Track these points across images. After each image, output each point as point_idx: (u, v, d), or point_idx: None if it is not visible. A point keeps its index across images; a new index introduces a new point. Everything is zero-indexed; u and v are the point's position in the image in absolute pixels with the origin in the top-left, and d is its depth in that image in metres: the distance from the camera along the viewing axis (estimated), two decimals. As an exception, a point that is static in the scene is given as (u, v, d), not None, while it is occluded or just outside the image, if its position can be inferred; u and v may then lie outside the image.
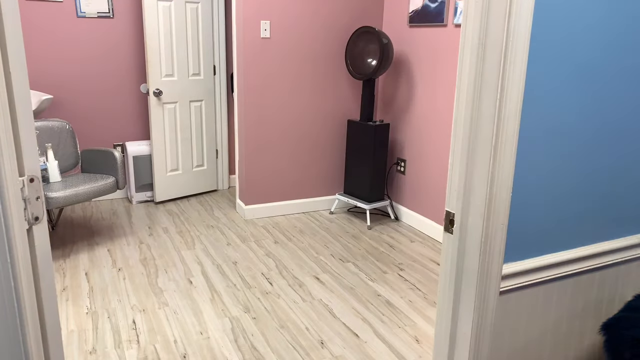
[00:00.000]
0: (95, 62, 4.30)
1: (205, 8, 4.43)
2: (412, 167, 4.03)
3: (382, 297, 2.95)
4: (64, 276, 3.13)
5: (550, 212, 1.39)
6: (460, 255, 1.35)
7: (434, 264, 3.40)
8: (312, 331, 2.60)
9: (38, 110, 3.64)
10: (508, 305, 1.40)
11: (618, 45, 1.35)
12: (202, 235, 3.81)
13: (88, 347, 2.43)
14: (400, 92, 4.07)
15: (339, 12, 4.05)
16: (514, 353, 1.47)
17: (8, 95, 0.96)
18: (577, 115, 1.35)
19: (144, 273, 3.18)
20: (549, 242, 1.42)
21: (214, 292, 2.97)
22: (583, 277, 1.51)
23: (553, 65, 1.26)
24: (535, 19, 1.19)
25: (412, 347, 2.48)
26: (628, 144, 1.48)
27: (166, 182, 4.49)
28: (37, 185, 1.03)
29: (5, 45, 0.94)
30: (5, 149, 0.94)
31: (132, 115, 4.53)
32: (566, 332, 1.54)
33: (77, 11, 4.14)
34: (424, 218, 3.96)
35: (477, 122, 1.24)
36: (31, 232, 1.04)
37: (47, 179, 3.51)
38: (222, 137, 4.85)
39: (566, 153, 1.36)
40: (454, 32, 3.48)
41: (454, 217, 1.34)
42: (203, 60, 4.52)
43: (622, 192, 1.52)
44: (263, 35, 3.82)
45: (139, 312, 2.74)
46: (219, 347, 2.46)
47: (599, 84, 1.36)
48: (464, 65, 1.25)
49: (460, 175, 1.31)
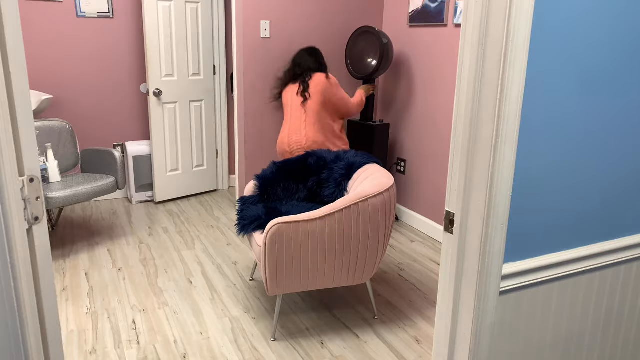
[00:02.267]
0: (95, 62, 4.30)
1: (205, 8, 4.43)
2: (412, 167, 4.03)
3: (382, 297, 2.95)
4: (64, 276, 3.13)
5: (550, 212, 1.39)
6: (460, 255, 1.35)
7: (434, 264, 3.40)
8: (312, 331, 2.60)
9: (38, 110, 3.64)
10: (508, 305, 1.40)
11: (619, 44, 1.35)
12: (202, 235, 3.81)
13: (88, 347, 2.43)
14: (400, 92, 4.07)
15: (338, 12, 4.05)
16: (514, 353, 1.47)
17: (8, 95, 0.96)
18: (577, 115, 1.35)
19: (144, 273, 3.18)
20: (549, 242, 1.42)
21: (214, 292, 2.97)
22: (583, 277, 1.51)
23: (553, 65, 1.26)
24: (535, 19, 1.19)
25: (412, 347, 2.48)
26: (628, 144, 1.48)
27: (166, 182, 4.49)
28: (37, 185, 1.03)
29: (5, 45, 0.94)
30: (5, 149, 0.94)
31: (132, 115, 4.53)
32: (566, 332, 1.54)
33: (77, 11, 4.14)
34: (424, 218, 3.96)
35: (477, 122, 1.24)
36: (31, 232, 1.04)
37: (47, 179, 3.51)
38: (222, 137, 4.85)
39: (566, 153, 1.36)
40: (454, 32, 3.48)
41: (454, 217, 1.34)
42: (203, 60, 4.52)
43: (622, 192, 1.52)
44: (263, 35, 3.82)
45: (139, 312, 2.74)
46: (219, 347, 2.46)
47: (600, 83, 1.36)
48: (464, 65, 1.25)
49: (460, 175, 1.31)
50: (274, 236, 2.27)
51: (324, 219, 2.29)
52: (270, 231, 2.27)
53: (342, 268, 2.42)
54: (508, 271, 1.36)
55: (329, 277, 2.43)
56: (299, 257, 2.33)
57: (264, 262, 2.33)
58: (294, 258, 2.33)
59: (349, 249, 2.38)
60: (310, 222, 2.28)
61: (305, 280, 2.41)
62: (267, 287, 2.39)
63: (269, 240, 2.28)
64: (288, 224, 2.26)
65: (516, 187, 1.31)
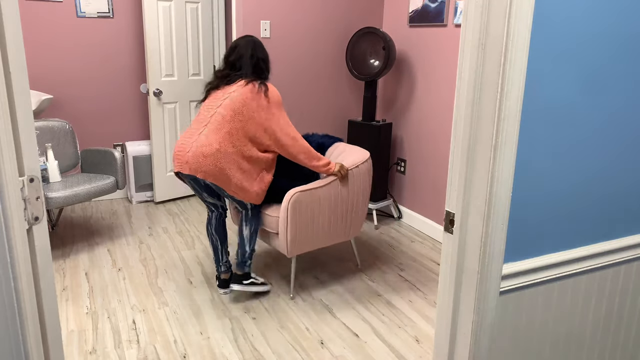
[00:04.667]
0: (95, 62, 4.30)
1: (205, 8, 4.43)
2: (412, 167, 4.03)
3: (382, 297, 2.95)
4: (64, 276, 3.13)
5: (550, 212, 1.39)
6: (460, 255, 1.35)
7: (434, 264, 3.40)
8: (312, 331, 2.60)
9: (38, 110, 3.64)
10: (508, 305, 1.40)
11: (619, 45, 1.35)
12: (202, 235, 3.80)
13: (88, 347, 2.43)
14: (400, 92, 4.07)
15: (339, 12, 4.05)
16: (514, 353, 1.47)
17: (8, 95, 0.96)
18: (577, 115, 1.35)
19: (144, 273, 3.18)
20: (549, 242, 1.42)
21: (214, 292, 2.97)
22: (583, 277, 1.51)
23: (553, 65, 1.26)
24: (536, 19, 1.19)
25: (412, 347, 2.48)
26: (629, 144, 1.47)
27: (166, 182, 4.49)
28: (37, 185, 1.03)
29: (5, 45, 0.94)
30: (5, 149, 0.94)
31: (132, 115, 4.53)
32: (566, 332, 1.54)
33: (77, 11, 4.14)
34: (424, 218, 3.96)
35: (477, 122, 1.24)
36: (31, 232, 1.04)
37: (47, 179, 3.51)
38: (222, 137, 4.84)
39: (566, 153, 1.36)
40: (454, 32, 3.48)
41: (454, 217, 1.34)
42: (203, 60, 4.52)
43: (623, 192, 1.52)
44: (263, 35, 3.82)
45: (139, 312, 2.74)
46: (219, 347, 2.46)
47: (600, 83, 1.36)
48: (464, 65, 1.25)
49: (460, 175, 1.31)
50: (295, 203, 2.69)
51: (329, 185, 2.81)
52: (292, 199, 2.68)
53: (339, 224, 2.96)
54: (508, 271, 1.36)
55: (331, 234, 2.94)
56: (312, 219, 2.80)
57: (285, 227, 2.72)
58: (308, 220, 2.78)
59: (345, 207, 2.94)
60: (319, 188, 2.77)
61: (315, 239, 2.87)
62: (288, 249, 2.76)
63: (291, 206, 2.69)
64: (304, 192, 2.72)
65: (516, 187, 1.31)
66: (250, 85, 2.63)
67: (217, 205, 2.89)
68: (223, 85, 2.72)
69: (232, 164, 2.58)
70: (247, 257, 2.82)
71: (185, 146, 2.63)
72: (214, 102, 2.67)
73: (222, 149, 2.55)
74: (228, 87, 2.68)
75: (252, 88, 2.62)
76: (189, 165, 2.59)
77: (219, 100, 2.65)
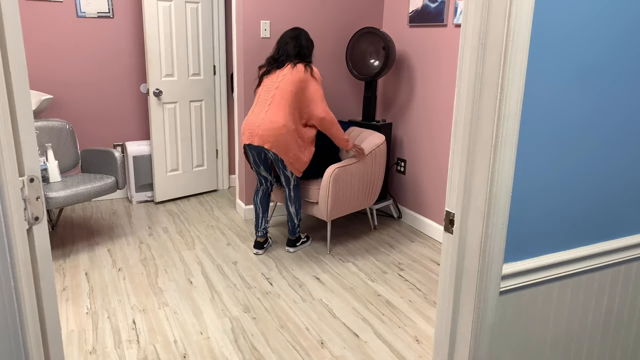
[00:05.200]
0: (95, 62, 4.30)
1: (205, 8, 4.43)
2: (412, 167, 4.03)
3: (382, 297, 2.95)
4: (64, 276, 3.13)
5: (550, 212, 1.39)
6: (460, 255, 1.35)
7: (434, 264, 3.40)
8: (312, 331, 2.60)
9: (38, 110, 3.64)
10: (508, 305, 1.40)
11: (619, 44, 1.35)
12: (202, 235, 3.81)
13: (88, 347, 2.43)
14: (400, 92, 4.07)
15: (338, 12, 4.05)
16: (514, 353, 1.47)
17: (8, 95, 0.96)
18: (577, 115, 1.35)
19: (144, 273, 3.19)
20: (549, 242, 1.42)
21: (214, 292, 2.97)
22: (583, 277, 1.51)
23: (553, 65, 1.26)
24: (535, 19, 1.19)
25: (412, 347, 2.48)
26: (629, 144, 1.48)
27: (166, 182, 4.49)
28: (37, 185, 1.03)
29: (5, 45, 0.94)
30: (5, 149, 0.94)
31: (132, 115, 4.53)
32: (566, 332, 1.54)
33: (77, 11, 4.14)
34: (424, 218, 3.96)
35: (477, 122, 1.24)
36: (31, 232, 1.04)
37: (47, 179, 3.51)
38: (222, 137, 4.85)
39: (566, 153, 1.36)
40: (454, 32, 3.48)
41: (454, 217, 1.34)
42: (203, 60, 4.52)
43: (623, 192, 1.52)
44: (263, 35, 3.82)
45: (139, 312, 2.74)
46: (219, 347, 2.46)
47: (600, 83, 1.36)
48: (464, 65, 1.25)
49: (460, 175, 1.31)
50: (336, 176, 3.34)
51: (358, 162, 3.49)
52: (333, 173, 3.33)
53: (363, 194, 3.62)
54: (508, 271, 1.36)
55: (359, 201, 3.61)
56: (346, 189, 3.45)
57: (326, 196, 3.35)
58: (343, 190, 3.43)
59: (370, 180, 3.63)
60: (351, 165, 3.44)
61: (346, 206, 3.52)
62: (328, 214, 3.39)
63: (333, 179, 3.33)
64: (341, 168, 3.37)
65: (516, 186, 1.31)
66: (298, 66, 3.19)
67: (267, 179, 3.42)
68: (274, 69, 3.25)
69: (292, 137, 3.16)
70: (296, 227, 3.48)
71: (255, 122, 3.17)
72: (271, 85, 3.21)
73: (287, 125, 3.12)
74: (279, 71, 3.22)
75: (300, 68, 3.18)
76: (259, 138, 3.14)
77: (275, 82, 3.19)
